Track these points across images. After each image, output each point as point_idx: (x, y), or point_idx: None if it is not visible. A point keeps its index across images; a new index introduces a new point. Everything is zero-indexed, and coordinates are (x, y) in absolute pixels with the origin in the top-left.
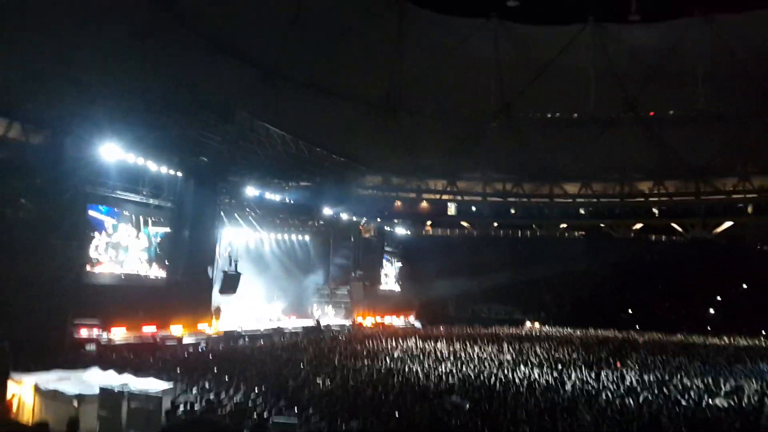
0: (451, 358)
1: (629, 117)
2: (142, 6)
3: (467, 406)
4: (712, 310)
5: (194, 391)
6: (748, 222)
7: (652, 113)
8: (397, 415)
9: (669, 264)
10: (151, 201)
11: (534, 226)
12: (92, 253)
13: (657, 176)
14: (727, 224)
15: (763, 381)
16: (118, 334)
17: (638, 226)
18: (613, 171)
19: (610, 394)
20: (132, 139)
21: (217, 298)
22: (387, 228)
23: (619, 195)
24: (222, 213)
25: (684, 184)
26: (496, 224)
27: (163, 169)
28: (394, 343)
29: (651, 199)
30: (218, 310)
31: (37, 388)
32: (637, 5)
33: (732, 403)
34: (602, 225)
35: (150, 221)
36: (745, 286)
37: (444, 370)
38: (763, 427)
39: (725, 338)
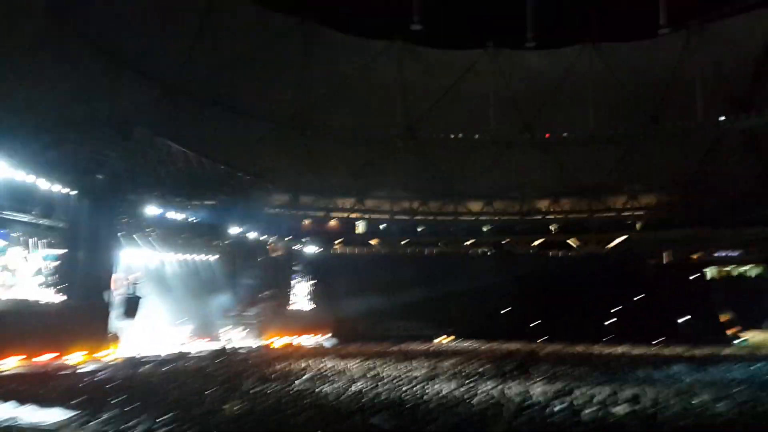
0: (363, 377)
1: (527, 138)
2: (37, 16)
3: (391, 426)
4: (608, 321)
5: (92, 423)
6: (636, 237)
7: (547, 135)
8: None
9: (567, 277)
10: (42, 221)
11: (440, 243)
12: None
13: (553, 195)
14: (619, 239)
15: (658, 387)
16: (9, 364)
17: (538, 242)
18: (513, 190)
19: (516, 407)
20: (21, 156)
21: (116, 323)
22: (296, 247)
23: (518, 213)
24: (120, 233)
25: (578, 202)
26: (404, 242)
27: (56, 188)
28: (304, 364)
29: (548, 216)
30: (116, 336)
31: None
32: (533, 32)
33: (632, 408)
34: (504, 242)
35: (42, 243)
36: (636, 298)
37: (356, 390)
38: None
39: (621, 348)
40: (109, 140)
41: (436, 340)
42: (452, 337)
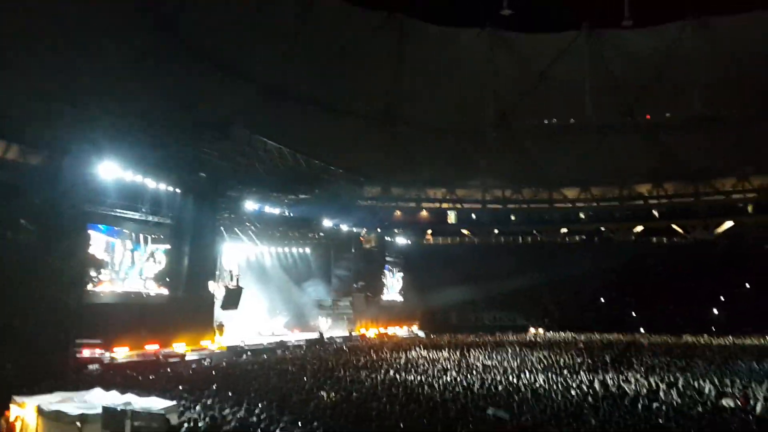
0: (456, 366)
1: (627, 122)
2: (143, 27)
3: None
4: (715, 311)
5: (197, 408)
6: (748, 222)
7: (648, 117)
8: (402, 426)
9: (671, 265)
10: (150, 218)
11: (535, 232)
12: (93, 272)
13: (656, 179)
14: (728, 224)
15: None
16: (121, 353)
17: (639, 228)
18: (612, 175)
19: (615, 398)
20: (130, 158)
21: (219, 313)
22: (387, 238)
23: (618, 198)
24: (222, 228)
25: (683, 186)
26: (496, 231)
27: (162, 186)
28: (397, 354)
29: (651, 201)
30: (221, 325)
31: (39, 410)
32: (630, 10)
33: (739, 403)
34: (603, 229)
35: (150, 238)
36: (747, 285)
37: (448, 380)
38: None
39: (729, 338)
40: (210, 140)
41: (530, 331)
42: (547, 328)
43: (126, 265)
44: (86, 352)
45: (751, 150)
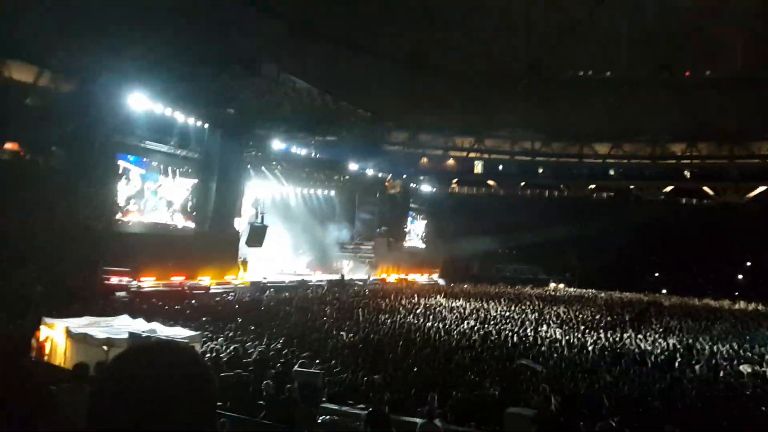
0: (474, 315)
1: (664, 78)
2: None
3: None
4: (740, 276)
5: (220, 339)
6: None
7: (687, 74)
8: (416, 370)
9: (698, 228)
10: (178, 152)
11: (562, 186)
12: (121, 202)
13: (690, 138)
14: (761, 189)
15: None
16: (148, 283)
17: (669, 188)
18: (644, 132)
19: (631, 357)
20: (160, 90)
21: (243, 249)
22: (413, 185)
23: (650, 156)
24: (248, 165)
25: (717, 147)
26: (523, 183)
27: (191, 120)
28: (417, 300)
29: (683, 161)
30: (245, 261)
31: (68, 332)
32: None
33: (757, 369)
34: (632, 186)
35: (178, 172)
36: None
37: (466, 328)
38: None
39: (753, 304)
40: (239, 76)
41: (550, 285)
42: (568, 283)
43: (154, 197)
44: (114, 280)
45: None
